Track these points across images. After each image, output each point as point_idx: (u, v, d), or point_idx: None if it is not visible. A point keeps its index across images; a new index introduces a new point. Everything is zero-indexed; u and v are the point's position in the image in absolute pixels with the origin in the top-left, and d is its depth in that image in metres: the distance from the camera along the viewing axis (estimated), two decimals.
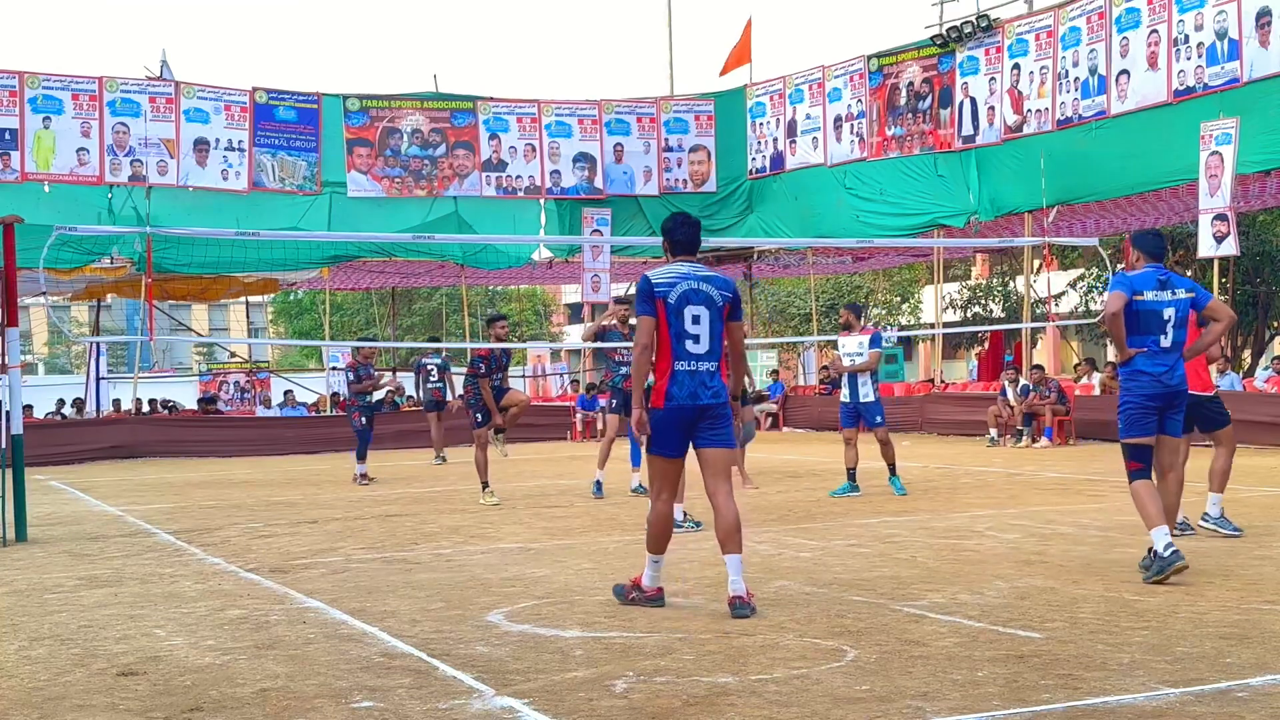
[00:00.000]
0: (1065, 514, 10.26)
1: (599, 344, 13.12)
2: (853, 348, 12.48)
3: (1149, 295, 7.31)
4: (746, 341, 12.80)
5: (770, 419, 26.09)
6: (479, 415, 12.63)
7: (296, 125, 25.10)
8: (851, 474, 12.57)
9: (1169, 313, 7.33)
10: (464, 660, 5.56)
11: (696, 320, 6.45)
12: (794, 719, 4.52)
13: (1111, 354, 29.48)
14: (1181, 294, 7.40)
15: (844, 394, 12.65)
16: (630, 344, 12.75)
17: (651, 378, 6.61)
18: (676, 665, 5.36)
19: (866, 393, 12.46)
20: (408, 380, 23.83)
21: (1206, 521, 8.84)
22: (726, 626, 6.11)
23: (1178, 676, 4.95)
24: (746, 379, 12.67)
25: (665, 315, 6.45)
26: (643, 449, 7.69)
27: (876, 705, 4.65)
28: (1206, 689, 4.76)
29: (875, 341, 12.46)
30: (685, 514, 9.94)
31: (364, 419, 15.83)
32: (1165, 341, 7.32)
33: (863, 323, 13.07)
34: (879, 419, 12.58)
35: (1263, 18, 18.01)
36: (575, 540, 9.53)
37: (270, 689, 5.16)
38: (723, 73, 28.20)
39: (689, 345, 6.45)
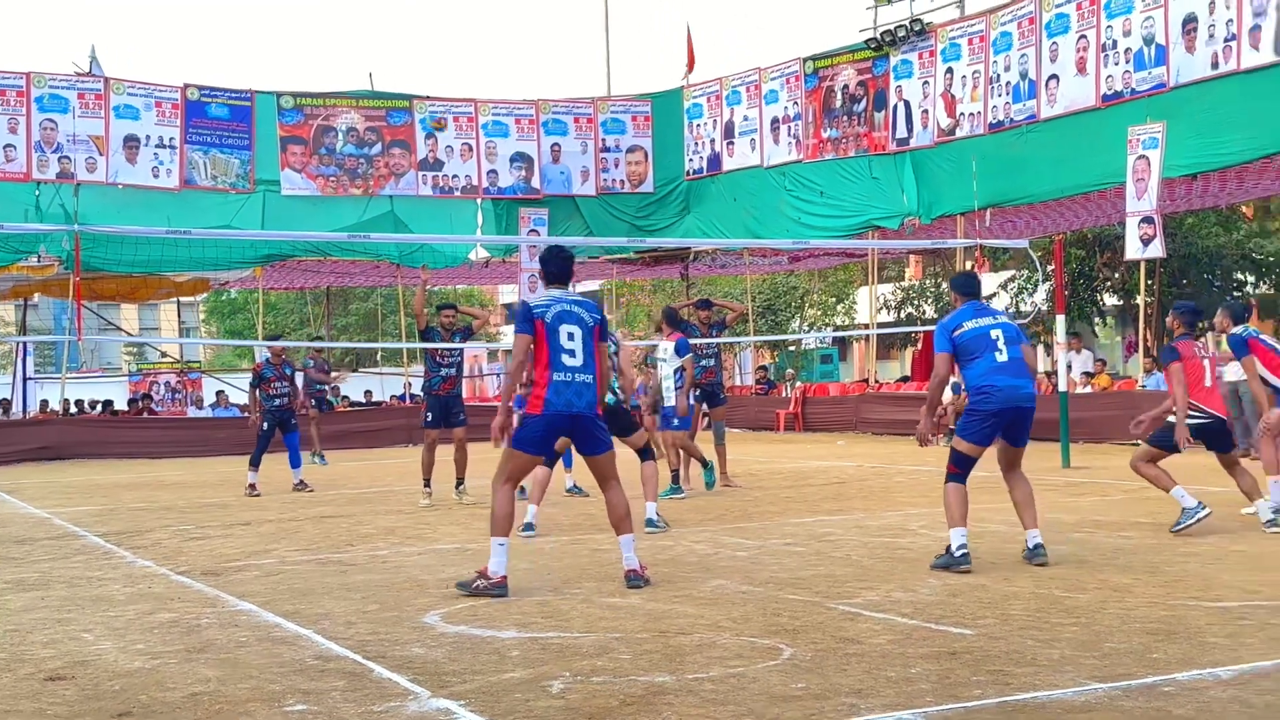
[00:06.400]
0: (996, 512, 10.37)
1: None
2: (659, 352, 12.47)
3: (969, 325, 7.75)
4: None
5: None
6: (429, 414, 12.55)
7: (229, 122, 24.79)
8: (675, 475, 12.50)
9: (996, 333, 7.71)
10: (400, 662, 5.53)
11: (571, 337, 7.17)
12: (730, 717, 4.55)
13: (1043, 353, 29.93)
14: (1002, 318, 7.89)
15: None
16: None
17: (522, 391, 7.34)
18: (613, 665, 5.37)
19: (670, 397, 12.33)
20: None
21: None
22: (663, 626, 6.13)
23: (1106, 672, 5.03)
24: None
25: (544, 333, 7.15)
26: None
27: (812, 703, 4.68)
28: (1134, 684, 4.84)
29: (682, 348, 12.38)
30: (659, 514, 10.02)
31: (265, 423, 14.58)
32: (1001, 357, 7.65)
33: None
34: (675, 423, 12.54)
35: (1189, 24, 18.35)
36: (512, 541, 9.49)
37: (201, 693, 5.10)
38: (688, 71, 28.10)
39: (565, 359, 7.14)
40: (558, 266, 7.48)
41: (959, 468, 7.75)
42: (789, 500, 12.20)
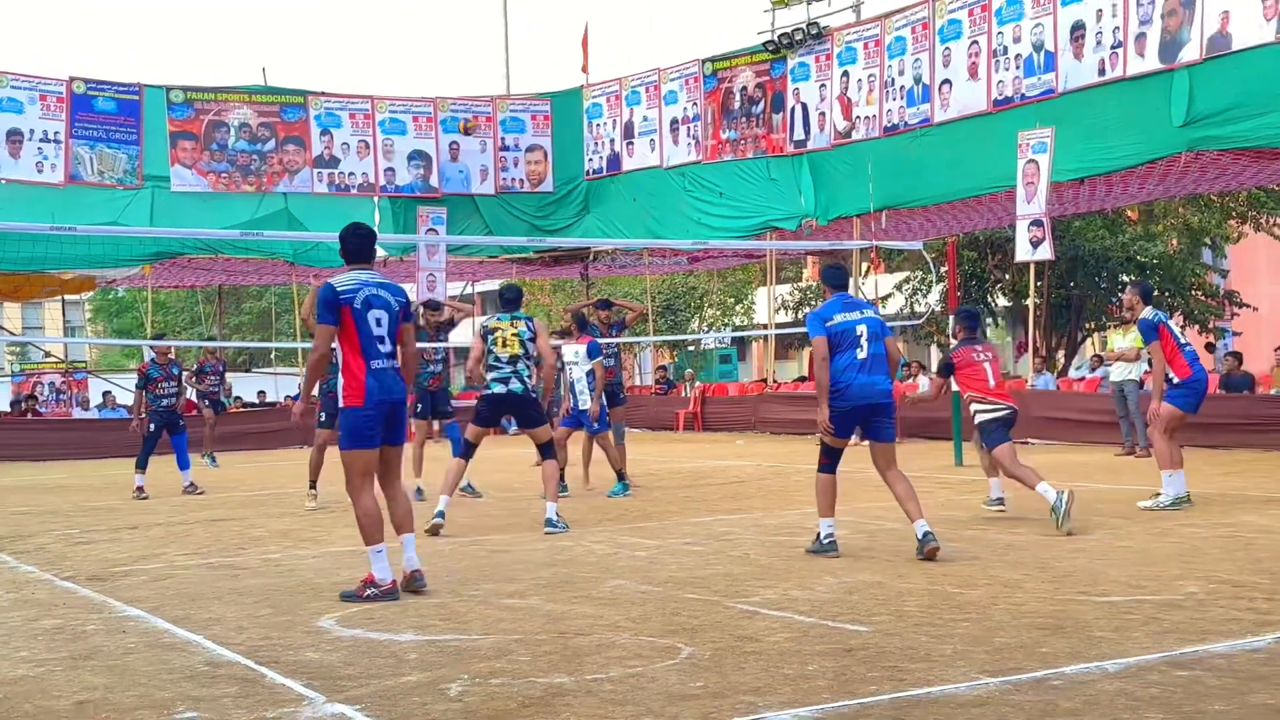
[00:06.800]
0: (891, 510, 10.49)
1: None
2: (569, 355, 12.54)
3: (839, 318, 8.13)
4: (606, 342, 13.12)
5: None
6: (323, 414, 12.38)
7: (116, 117, 24.19)
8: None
9: (861, 329, 8.08)
10: (293, 667, 5.44)
11: (379, 323, 6.98)
12: (629, 717, 4.54)
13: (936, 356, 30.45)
14: (869, 313, 8.28)
15: (570, 401, 12.67)
16: (433, 345, 13.02)
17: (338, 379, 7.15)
18: (512, 667, 5.33)
19: (584, 400, 12.47)
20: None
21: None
22: (562, 627, 6.11)
23: (997, 666, 5.12)
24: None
25: (353, 319, 6.92)
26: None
27: (710, 701, 4.70)
28: (1024, 678, 4.93)
29: (594, 351, 12.50)
30: (559, 515, 9.94)
31: (152, 425, 14.32)
32: (862, 354, 8.04)
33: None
34: (596, 426, 12.69)
35: (1077, 31, 18.79)
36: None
37: (88, 701, 4.97)
38: (584, 69, 28.08)
39: (379, 346, 6.97)
40: (357, 244, 7.24)
41: (827, 458, 8.25)
42: (688, 500, 12.24)
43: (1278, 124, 16.41)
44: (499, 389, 9.88)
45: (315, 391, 12.66)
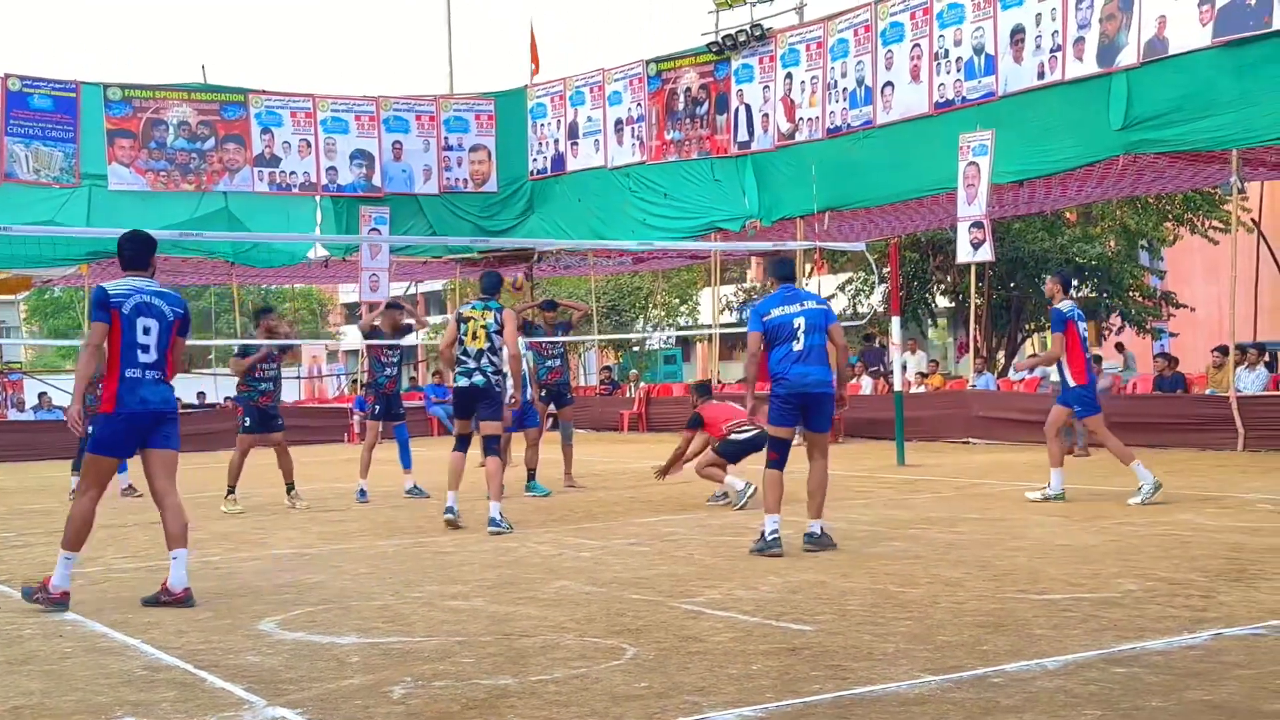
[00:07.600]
0: (833, 509, 10.57)
1: (369, 341, 13.40)
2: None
3: (776, 312, 8.37)
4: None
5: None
6: (247, 419, 12.23)
7: (53, 114, 23.84)
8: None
9: (799, 321, 8.33)
10: (233, 671, 5.38)
11: (147, 331, 6.87)
12: (574, 718, 4.54)
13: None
14: (810, 305, 8.47)
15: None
16: (397, 342, 13.22)
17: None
18: (455, 669, 5.31)
19: (530, 392, 12.60)
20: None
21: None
22: (506, 628, 6.09)
23: (938, 664, 5.16)
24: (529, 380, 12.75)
25: (120, 324, 6.82)
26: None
27: (655, 701, 4.70)
28: (965, 675, 4.97)
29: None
30: (502, 514, 9.89)
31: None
32: (798, 346, 8.29)
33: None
34: (527, 419, 12.90)
35: (1017, 35, 19.01)
36: (352, 545, 9.35)
37: (24, 706, 4.89)
38: (533, 74, 28.02)
39: (139, 354, 6.86)
40: (133, 250, 7.10)
41: (775, 452, 8.42)
42: (632, 500, 12.25)
43: (1213, 128, 16.70)
44: (463, 382, 10.02)
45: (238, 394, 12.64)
